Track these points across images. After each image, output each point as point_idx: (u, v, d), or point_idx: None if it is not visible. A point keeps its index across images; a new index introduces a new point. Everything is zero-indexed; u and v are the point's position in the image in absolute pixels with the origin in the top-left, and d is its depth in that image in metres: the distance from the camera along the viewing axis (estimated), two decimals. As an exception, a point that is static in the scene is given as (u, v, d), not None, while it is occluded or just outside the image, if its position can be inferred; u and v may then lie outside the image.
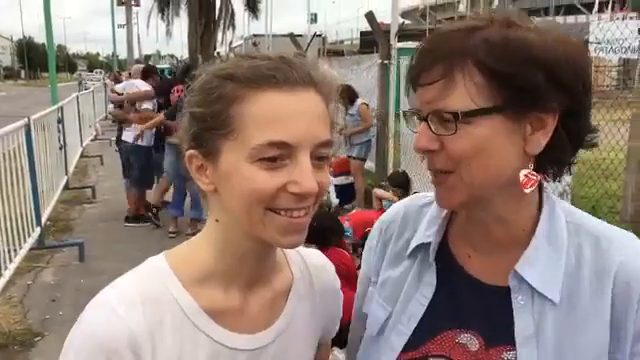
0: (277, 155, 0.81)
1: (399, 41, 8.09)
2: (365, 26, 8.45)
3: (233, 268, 0.92)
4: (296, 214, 0.84)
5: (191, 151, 0.88)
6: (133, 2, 38.06)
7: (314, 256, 1.10)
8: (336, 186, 8.36)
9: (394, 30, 7.88)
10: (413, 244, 1.02)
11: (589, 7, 28.96)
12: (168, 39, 33.17)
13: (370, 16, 7.65)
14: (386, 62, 7.79)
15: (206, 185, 0.89)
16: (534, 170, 0.87)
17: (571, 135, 0.87)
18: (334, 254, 4.31)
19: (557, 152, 0.88)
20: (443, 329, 0.95)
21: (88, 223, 7.50)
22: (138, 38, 37.26)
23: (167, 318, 0.88)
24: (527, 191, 0.87)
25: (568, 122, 0.86)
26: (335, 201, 8.08)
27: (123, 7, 38.07)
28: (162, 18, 31.88)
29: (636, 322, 0.83)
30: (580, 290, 0.87)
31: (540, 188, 0.93)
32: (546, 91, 0.82)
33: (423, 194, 1.10)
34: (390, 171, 7.69)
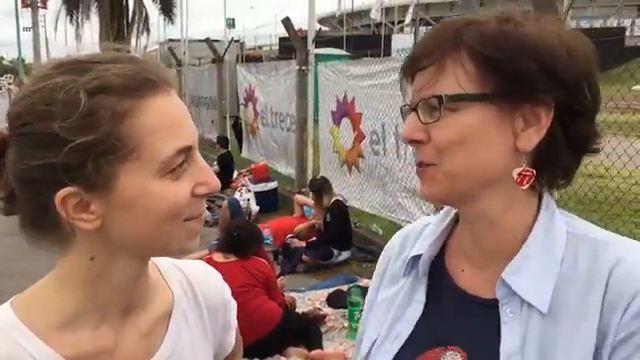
0: (182, 161, 0.77)
1: (317, 47, 8.13)
2: (284, 32, 8.44)
3: (107, 302, 0.83)
4: (202, 216, 0.82)
5: (66, 190, 0.73)
6: (40, 4, 36.29)
7: (195, 267, 1.02)
8: (256, 193, 8.29)
9: (311, 36, 7.92)
10: (409, 257, 0.98)
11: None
12: (78, 43, 31.81)
13: (287, 22, 7.65)
14: (304, 68, 7.80)
15: (90, 223, 0.76)
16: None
17: (570, 138, 0.83)
18: (253, 263, 4.26)
19: (553, 154, 0.83)
20: (428, 348, 0.90)
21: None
22: (46, 41, 35.53)
23: None
24: (524, 187, 0.83)
25: (567, 123, 0.81)
26: (255, 208, 8.01)
27: (29, 9, 36.24)
28: (71, 21, 30.59)
29: (618, 330, 0.77)
30: (570, 299, 0.81)
31: (540, 197, 0.88)
32: (539, 82, 0.78)
33: (428, 217, 1.05)
34: (310, 177, 7.70)
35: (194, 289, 0.98)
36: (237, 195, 8.16)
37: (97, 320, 0.83)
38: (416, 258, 0.97)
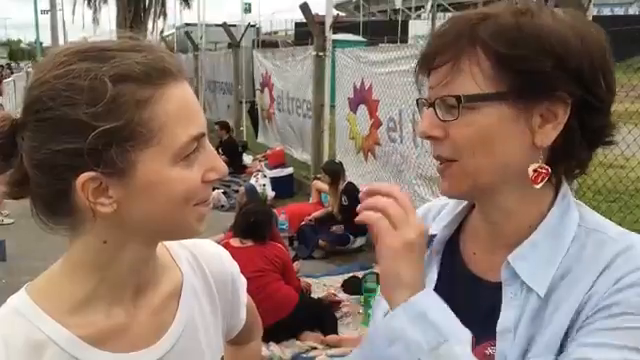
0: (195, 148, 0.80)
1: (334, 33, 8.09)
2: (300, 17, 8.40)
3: (118, 284, 0.86)
4: (209, 200, 0.85)
5: (87, 174, 0.75)
6: (57, -13, 36.39)
7: (203, 245, 1.04)
8: (272, 178, 8.32)
9: (329, 22, 7.87)
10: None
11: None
12: (95, 27, 31.94)
13: (305, 7, 7.61)
14: (321, 54, 7.77)
15: (107, 207, 0.78)
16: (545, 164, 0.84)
17: (586, 131, 0.84)
18: (270, 248, 4.29)
19: (569, 148, 0.84)
20: None
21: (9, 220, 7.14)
22: (63, 25, 35.69)
23: (44, 359, 0.80)
24: (538, 186, 0.84)
25: (583, 117, 0.82)
26: (271, 194, 8.04)
27: (47, -8, 36.36)
28: (89, 4, 30.69)
29: (602, 297, 0.79)
30: (565, 288, 0.84)
31: (557, 188, 0.90)
32: (556, 79, 0.79)
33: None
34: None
35: (202, 266, 1.00)
36: (253, 180, 8.20)
37: (109, 301, 0.85)
38: (432, 237, 0.99)
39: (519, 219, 0.89)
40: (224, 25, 12.61)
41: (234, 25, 16.36)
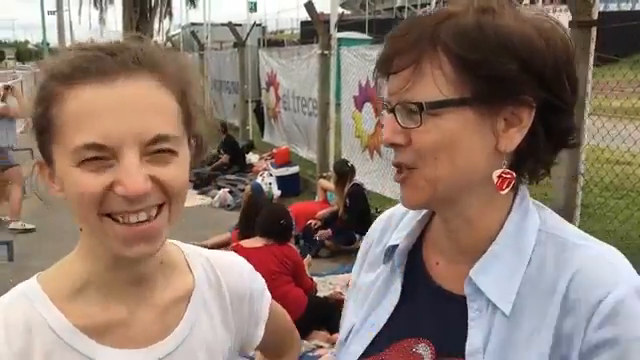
0: (99, 156, 0.75)
1: (339, 31, 8.07)
2: (306, 16, 8.40)
3: (108, 278, 0.86)
4: (133, 219, 0.77)
5: (39, 159, 0.84)
6: (64, -12, 36.51)
7: (222, 256, 1.03)
8: (278, 177, 8.32)
9: (334, 20, 7.86)
10: (387, 246, 0.98)
11: None
12: (102, 27, 32.05)
13: (309, 6, 7.60)
14: (326, 52, 7.76)
15: (58, 192, 0.83)
16: (508, 169, 0.82)
17: (551, 133, 0.82)
18: (282, 249, 4.27)
19: (534, 151, 0.82)
20: (402, 337, 0.91)
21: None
22: (70, 25, 35.80)
23: (37, 341, 0.82)
24: (504, 192, 0.82)
25: (548, 119, 0.80)
26: (277, 192, 8.04)
27: (53, -7, 36.48)
28: (95, 5, 30.79)
29: (584, 340, 0.76)
30: (532, 302, 0.81)
31: (516, 192, 0.87)
32: (520, 82, 0.77)
33: None
34: (332, 162, 7.70)
35: (218, 276, 0.98)
36: (259, 179, 8.20)
37: (104, 293, 0.86)
38: (394, 247, 0.96)
39: (478, 227, 0.86)
40: (230, 24, 12.61)
41: (240, 24, 16.36)
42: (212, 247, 5.53)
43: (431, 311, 0.90)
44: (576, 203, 4.08)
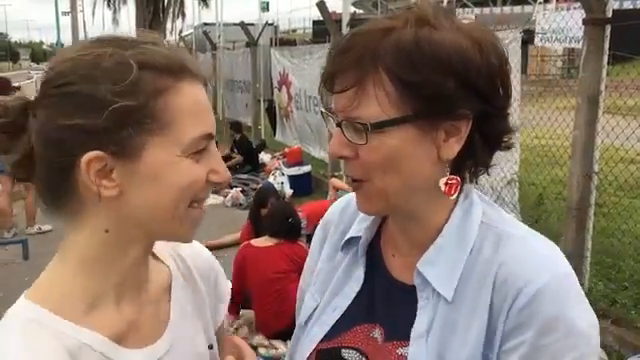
0: (204, 147, 0.82)
1: (351, 30, 8.05)
2: (318, 15, 8.40)
3: (123, 278, 0.86)
4: (203, 205, 0.86)
5: (94, 153, 0.76)
6: (78, -12, 36.81)
7: (183, 244, 1.04)
8: (290, 176, 8.33)
9: (346, 19, 7.86)
10: (347, 236, 1.03)
11: (535, -2, 29.58)
12: (115, 27, 32.27)
13: (322, 5, 7.60)
14: (338, 51, 7.75)
15: (109, 190, 0.78)
16: (451, 173, 0.88)
17: (487, 138, 0.87)
18: (292, 247, 4.29)
19: (472, 155, 0.88)
20: (359, 322, 0.98)
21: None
22: (84, 26, 36.08)
23: None
24: (453, 197, 0.89)
25: (484, 126, 0.86)
26: (289, 192, 8.06)
27: (67, -6, 36.80)
28: (108, 5, 30.99)
29: (507, 322, 0.83)
30: (469, 289, 0.88)
31: (460, 190, 0.92)
32: (457, 98, 0.81)
33: None
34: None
35: (186, 262, 1.02)
36: (271, 178, 8.22)
37: (117, 297, 0.85)
38: (354, 239, 1.02)
39: (426, 223, 0.93)
40: (242, 24, 12.64)
41: (252, 24, 16.41)
42: (219, 247, 5.58)
43: (386, 299, 0.97)
44: (590, 202, 4.05)
